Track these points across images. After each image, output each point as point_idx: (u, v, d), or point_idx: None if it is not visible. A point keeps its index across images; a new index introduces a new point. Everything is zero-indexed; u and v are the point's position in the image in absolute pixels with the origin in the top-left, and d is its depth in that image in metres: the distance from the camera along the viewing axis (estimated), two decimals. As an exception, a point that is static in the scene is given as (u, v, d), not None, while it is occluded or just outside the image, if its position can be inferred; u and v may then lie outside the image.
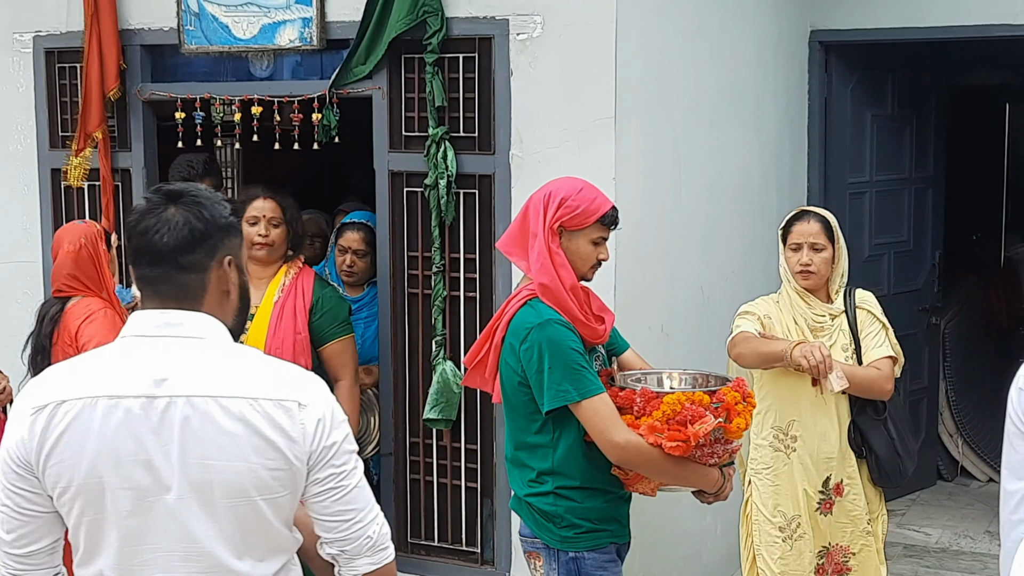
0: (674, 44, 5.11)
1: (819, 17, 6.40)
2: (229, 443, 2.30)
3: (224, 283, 2.40)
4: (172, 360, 2.32)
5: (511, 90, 4.80)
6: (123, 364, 2.33)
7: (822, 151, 6.53)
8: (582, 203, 3.56)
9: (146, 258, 2.35)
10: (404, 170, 5.01)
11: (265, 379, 2.35)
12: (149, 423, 2.29)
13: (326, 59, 5.19)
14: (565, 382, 3.42)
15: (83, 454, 2.29)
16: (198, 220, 2.35)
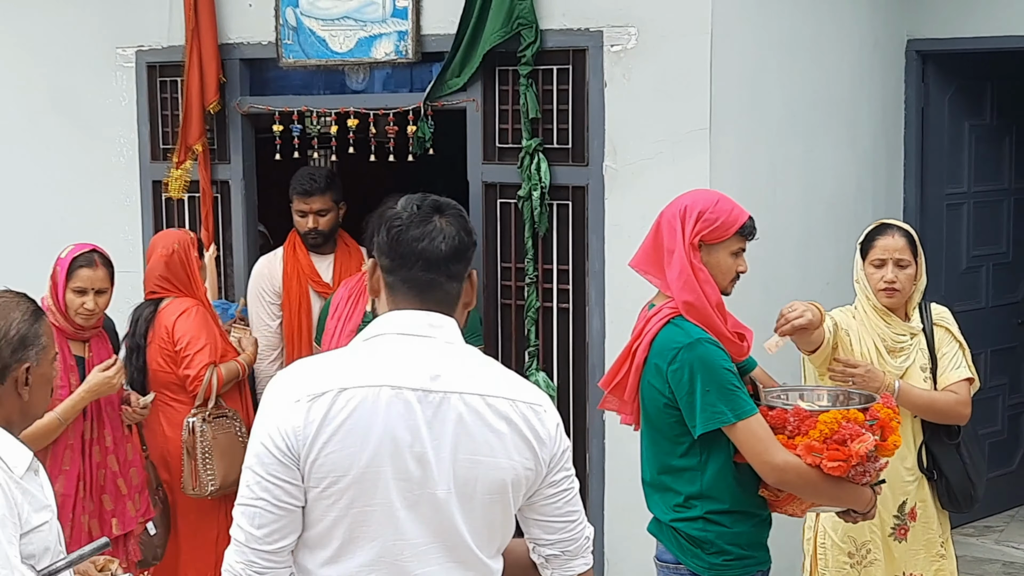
0: (769, 54, 5.08)
1: (916, 26, 6.31)
2: (497, 441, 2.37)
3: (468, 296, 2.50)
4: (440, 358, 2.38)
5: (605, 101, 4.79)
6: (394, 357, 2.37)
7: (919, 162, 6.43)
8: (720, 215, 3.47)
9: (419, 263, 2.41)
10: (497, 182, 5.03)
11: (512, 382, 2.45)
12: (424, 416, 2.33)
13: (420, 71, 5.24)
14: (719, 403, 3.30)
15: (367, 442, 2.30)
16: (465, 232, 2.45)
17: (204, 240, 5.48)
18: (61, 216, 5.97)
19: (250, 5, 5.44)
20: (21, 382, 2.64)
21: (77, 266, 4.40)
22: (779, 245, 5.23)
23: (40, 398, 2.73)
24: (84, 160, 5.91)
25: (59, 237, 5.93)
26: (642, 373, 3.46)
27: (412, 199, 2.47)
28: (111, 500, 4.43)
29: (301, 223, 5.25)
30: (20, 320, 2.67)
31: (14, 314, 2.68)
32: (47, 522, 2.58)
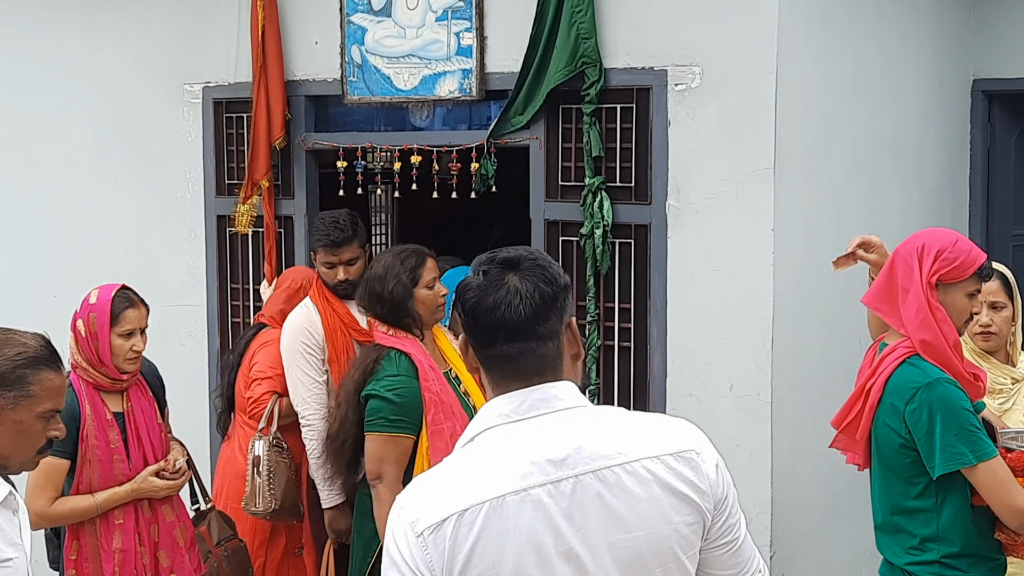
0: (834, 93, 5.05)
1: (982, 66, 6.26)
2: (650, 509, 2.12)
3: (572, 346, 2.23)
4: (560, 437, 2.13)
5: (668, 140, 4.78)
6: (509, 455, 2.13)
7: (984, 202, 6.36)
8: (959, 255, 3.41)
9: (500, 334, 2.16)
10: (560, 219, 5.02)
11: (653, 433, 2.18)
12: (560, 509, 2.10)
13: (483, 109, 5.25)
14: (960, 444, 3.25)
15: (503, 559, 2.08)
16: (545, 284, 2.18)
17: (267, 275, 5.51)
18: (126, 249, 6.03)
19: (316, 43, 5.48)
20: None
21: (121, 308, 4.09)
22: (844, 286, 5.17)
23: (11, 444, 2.71)
24: (150, 194, 5.97)
25: (123, 270, 6.00)
26: (876, 412, 3.43)
27: (481, 260, 2.24)
28: (167, 556, 4.21)
29: (329, 275, 4.82)
30: (8, 359, 2.69)
31: (8, 350, 2.70)
32: (14, 559, 2.67)
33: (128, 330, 4.07)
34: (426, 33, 5.19)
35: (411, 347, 4.27)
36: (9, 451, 2.72)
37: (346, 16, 5.34)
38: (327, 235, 4.78)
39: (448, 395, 4.24)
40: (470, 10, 5.09)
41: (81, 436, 3.95)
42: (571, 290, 2.26)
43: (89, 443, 3.97)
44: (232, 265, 5.79)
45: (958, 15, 6.08)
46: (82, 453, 3.96)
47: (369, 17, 5.30)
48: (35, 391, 2.70)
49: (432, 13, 5.17)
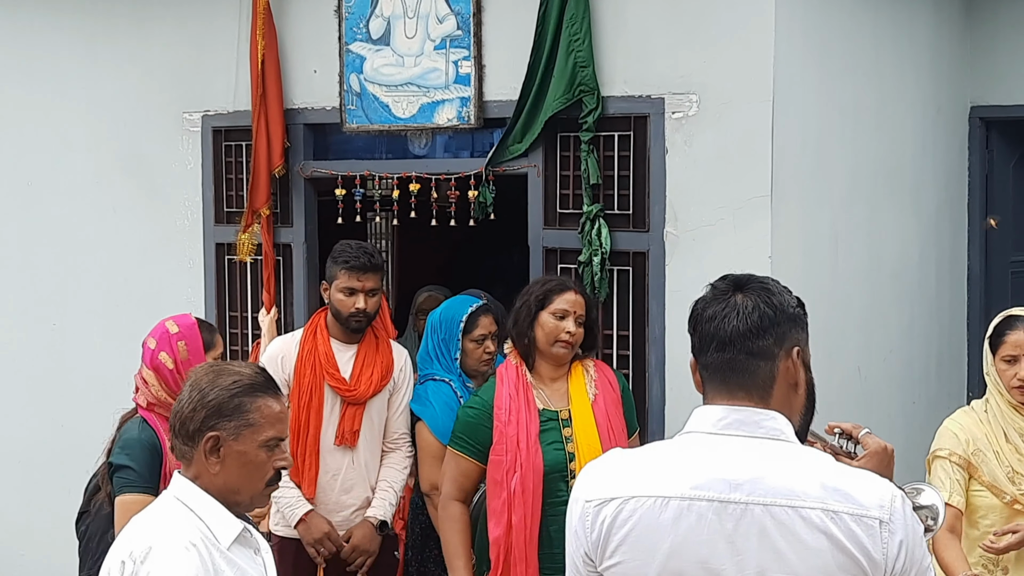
0: (832, 121, 5.07)
1: (979, 92, 6.29)
2: (812, 556, 2.13)
3: (792, 376, 2.26)
4: (746, 462, 2.18)
5: (666, 168, 4.80)
6: (693, 462, 2.21)
7: (983, 229, 6.38)
8: None
9: (713, 343, 2.25)
10: (558, 247, 5.03)
11: (845, 488, 2.16)
12: (723, 530, 2.15)
13: (482, 137, 5.28)
14: None
15: (654, 555, 2.18)
16: (767, 306, 2.25)
17: (265, 303, 5.52)
18: (125, 278, 6.05)
19: (315, 71, 5.51)
20: (206, 451, 2.63)
21: (210, 335, 4.04)
22: (843, 313, 5.19)
23: (238, 477, 2.65)
24: (149, 223, 5.99)
25: (123, 299, 6.03)
26: None
27: (717, 280, 2.34)
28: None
29: (346, 303, 4.61)
30: (224, 388, 2.64)
31: (223, 379, 2.66)
32: None
33: (219, 355, 4.02)
34: (424, 61, 5.22)
35: (507, 373, 4.25)
36: (238, 485, 2.66)
37: (345, 45, 5.38)
38: (356, 257, 4.61)
39: (519, 429, 4.12)
40: (468, 39, 5.12)
41: (164, 473, 3.76)
42: (802, 324, 2.31)
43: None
44: (231, 293, 5.80)
45: (955, 42, 6.11)
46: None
47: (368, 46, 5.33)
48: (255, 419, 2.65)
49: (430, 42, 5.20)
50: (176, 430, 2.68)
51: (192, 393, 2.66)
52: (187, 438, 2.65)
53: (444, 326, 4.76)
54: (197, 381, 2.68)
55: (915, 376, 5.83)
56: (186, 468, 2.68)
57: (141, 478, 3.70)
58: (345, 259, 4.61)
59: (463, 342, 4.74)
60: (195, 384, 2.68)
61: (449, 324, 4.75)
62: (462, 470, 4.24)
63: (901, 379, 5.70)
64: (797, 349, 2.27)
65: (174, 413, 2.71)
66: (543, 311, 4.22)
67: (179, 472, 2.70)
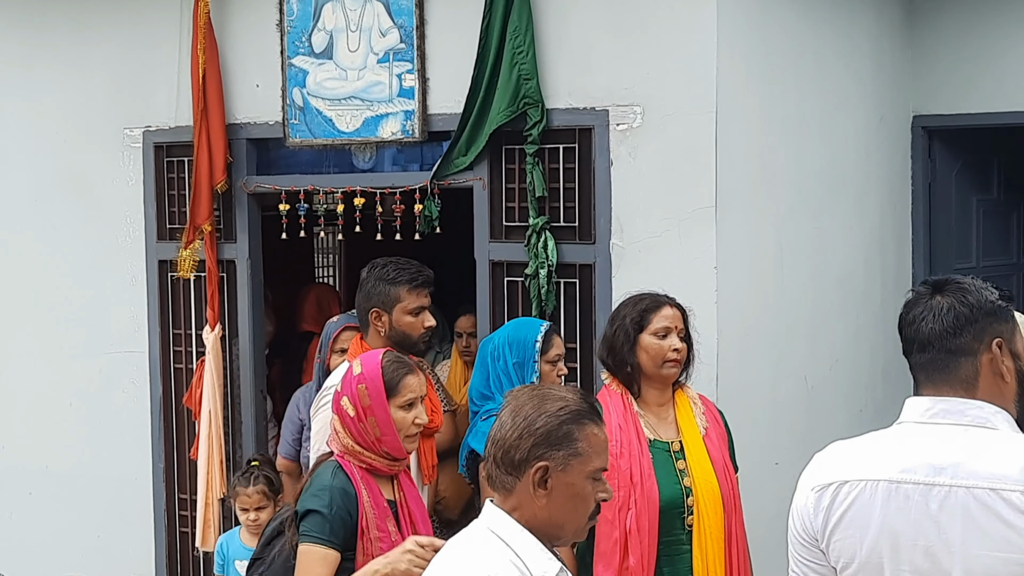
0: (776, 131, 5.10)
1: (921, 102, 6.34)
2: (1013, 535, 2.30)
3: (996, 366, 2.43)
4: (950, 448, 2.37)
5: (611, 180, 4.81)
6: (901, 448, 2.41)
7: (927, 237, 6.43)
8: None
9: (915, 344, 2.48)
10: (504, 260, 5.03)
11: None
12: (928, 511, 2.35)
13: (427, 150, 5.26)
14: None
15: (865, 534, 2.40)
16: (963, 305, 2.44)
17: (209, 320, 5.48)
18: (66, 296, 5.98)
19: (257, 86, 5.48)
20: (535, 482, 2.47)
21: (400, 375, 3.45)
22: (789, 322, 5.22)
23: (563, 510, 2.48)
24: (91, 240, 5.93)
25: (65, 317, 5.96)
26: None
27: (919, 285, 2.55)
28: None
29: (416, 323, 4.27)
30: (552, 415, 2.49)
31: (549, 405, 2.50)
32: None
33: (410, 400, 3.45)
34: (368, 75, 5.21)
35: (612, 401, 3.92)
36: (563, 519, 2.50)
37: (287, 59, 5.35)
38: (419, 274, 4.31)
39: (631, 462, 3.80)
40: (412, 52, 5.12)
41: (360, 528, 3.34)
42: (1005, 316, 2.46)
43: (371, 536, 3.35)
44: (175, 311, 5.75)
45: (897, 52, 6.16)
46: (362, 547, 3.33)
47: (310, 60, 5.31)
48: (583, 448, 2.49)
49: (373, 55, 5.19)
50: (498, 459, 2.50)
51: (516, 419, 2.49)
52: (511, 467, 2.48)
53: (517, 348, 4.35)
54: (520, 407, 2.51)
55: (862, 384, 5.86)
56: (503, 499, 2.50)
57: (330, 529, 3.28)
58: (408, 278, 4.28)
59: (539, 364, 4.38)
60: (518, 410, 2.51)
61: (523, 345, 4.35)
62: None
63: (848, 387, 5.74)
64: (999, 340, 2.43)
65: (494, 440, 2.52)
66: (643, 333, 3.93)
67: (492, 502, 2.52)
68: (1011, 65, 6.12)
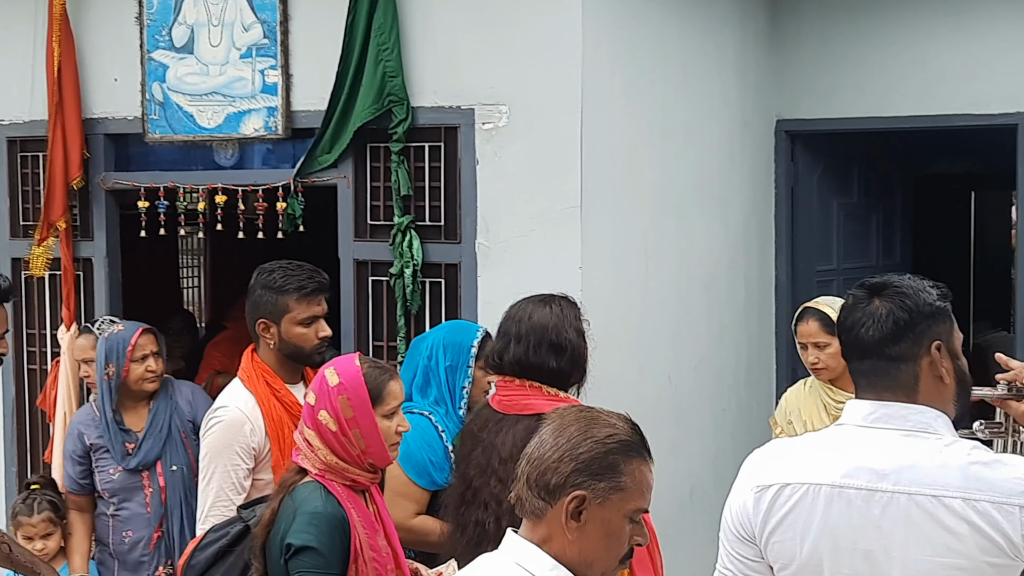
0: (641, 133, 5.13)
1: (784, 107, 6.45)
2: (956, 542, 2.33)
3: (936, 369, 2.44)
4: (892, 453, 2.38)
5: (477, 179, 4.79)
6: (844, 453, 2.43)
7: (789, 239, 6.54)
8: None
9: (855, 351, 2.47)
10: (369, 259, 4.98)
11: (984, 476, 2.35)
12: (870, 516, 2.37)
13: (290, 148, 5.18)
14: None
15: (806, 536, 2.41)
16: (902, 310, 2.43)
17: (65, 320, 5.32)
18: (-85, 295, 5.76)
19: (116, 80, 5.35)
20: (568, 512, 2.25)
21: (384, 381, 3.26)
22: (653, 323, 5.25)
23: (595, 548, 2.27)
24: (-60, 237, 5.72)
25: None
26: None
27: (855, 286, 2.51)
28: None
29: (308, 335, 3.95)
30: (599, 441, 2.27)
31: (597, 431, 2.29)
32: None
33: (394, 408, 3.28)
34: (230, 71, 5.11)
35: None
36: (593, 557, 2.28)
37: (147, 53, 5.23)
38: (310, 279, 3.97)
39: None
40: (275, 47, 5.04)
41: (354, 551, 3.14)
42: (943, 317, 2.47)
43: (365, 557, 3.15)
44: (28, 310, 5.58)
45: (761, 57, 6.26)
46: (356, 570, 3.14)
47: (171, 54, 5.20)
48: (627, 483, 2.27)
49: (236, 50, 5.10)
50: (532, 480, 2.28)
51: (559, 440, 2.28)
52: (544, 491, 2.26)
53: (452, 351, 4.15)
54: (565, 426, 2.30)
55: (725, 384, 5.94)
56: (531, 527, 2.30)
57: (327, 563, 3.08)
58: (297, 286, 3.94)
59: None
60: (562, 429, 2.30)
61: (459, 349, 4.15)
62: None
63: (711, 387, 5.80)
64: (938, 343, 2.44)
65: (529, 459, 2.31)
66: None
67: (518, 533, 2.32)
68: (871, 71, 6.26)
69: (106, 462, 4.61)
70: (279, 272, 3.98)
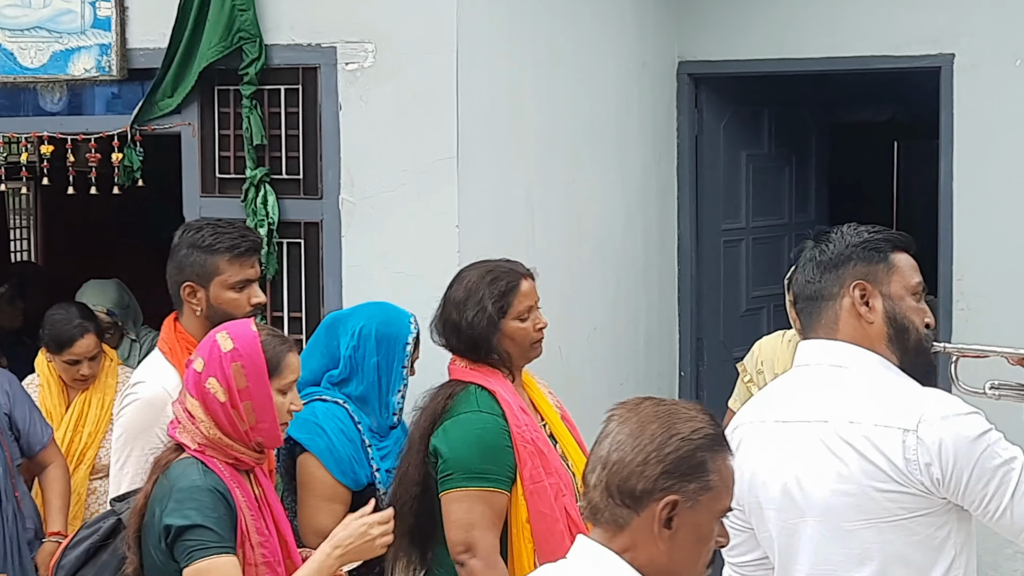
0: (525, 76, 5.12)
1: (687, 47, 6.48)
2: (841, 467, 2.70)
3: (856, 309, 2.82)
4: (810, 388, 2.81)
5: (340, 127, 4.77)
6: (779, 390, 2.91)
7: (693, 194, 6.59)
8: None
9: (794, 296, 3.05)
10: (219, 217, 4.90)
11: (874, 405, 2.72)
12: (785, 449, 2.77)
13: (127, 91, 5.10)
14: None
15: (743, 475, 2.66)
16: (822, 254, 2.87)
17: None
18: None
19: (-77, 12, 5.19)
20: (661, 519, 2.22)
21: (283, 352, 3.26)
22: (541, 288, 5.22)
23: (686, 556, 2.26)
24: None
25: None
26: None
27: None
28: None
29: (240, 300, 3.86)
30: (685, 439, 2.25)
31: (682, 426, 2.26)
32: None
33: (290, 382, 3.26)
34: (56, 3, 5.03)
35: (497, 383, 3.78)
36: (682, 566, 2.27)
37: (-42, -19, 5.08)
38: (243, 237, 3.91)
39: (545, 445, 3.75)
40: (108, -25, 4.94)
41: (241, 533, 3.11)
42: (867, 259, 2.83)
43: (252, 542, 3.13)
44: None
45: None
46: (242, 555, 3.10)
47: (-14, -17, 5.07)
48: (715, 482, 2.26)
49: (63, -21, 4.99)
50: (612, 487, 2.25)
51: (640, 440, 2.25)
52: (629, 498, 2.23)
53: (384, 347, 4.11)
54: (644, 424, 2.27)
55: (622, 355, 5.97)
56: (610, 536, 2.26)
57: (221, 539, 3.03)
58: (228, 245, 3.85)
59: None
60: (641, 428, 2.27)
61: (391, 345, 4.12)
62: (497, 510, 3.67)
63: (607, 358, 5.83)
64: (859, 283, 2.82)
65: (605, 463, 2.27)
66: (506, 319, 3.81)
67: (594, 539, 2.30)
68: (782, 8, 6.32)
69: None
70: (208, 230, 3.89)
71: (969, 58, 6.03)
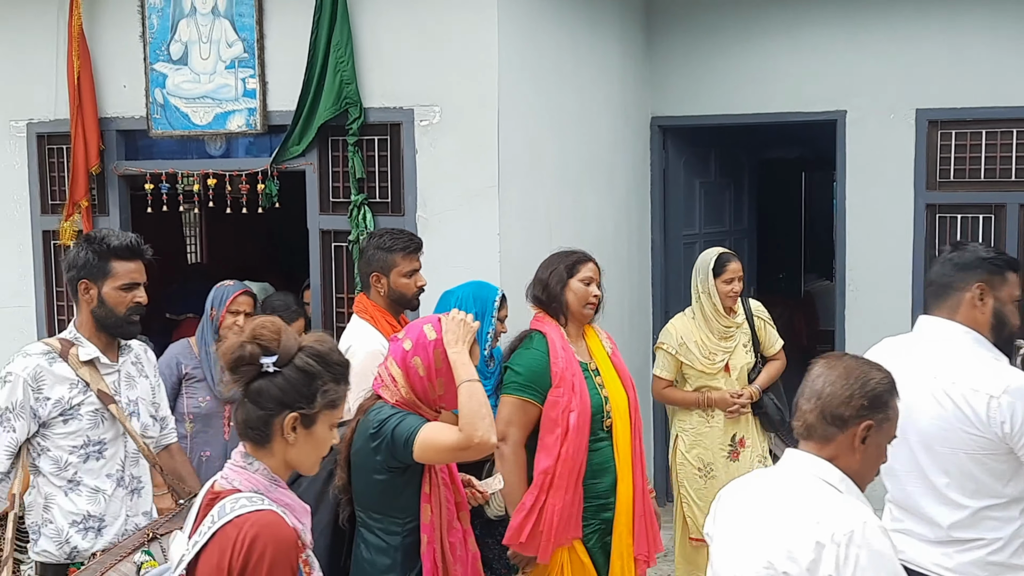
0: (545, 126, 5.13)
1: (658, 105, 6.48)
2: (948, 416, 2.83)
3: (974, 301, 2.89)
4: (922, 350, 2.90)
5: (416, 165, 4.78)
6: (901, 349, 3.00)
7: (662, 210, 6.58)
8: None
9: (927, 283, 3.01)
10: (332, 229, 4.95)
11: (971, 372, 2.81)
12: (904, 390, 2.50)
13: (267, 140, 5.11)
14: None
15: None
16: (959, 258, 2.92)
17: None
18: (-37, 261, 5.63)
19: (124, 86, 5.24)
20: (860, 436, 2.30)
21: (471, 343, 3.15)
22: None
23: (870, 465, 2.33)
24: (-17, 214, 5.59)
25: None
26: None
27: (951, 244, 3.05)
28: None
29: (409, 284, 3.97)
30: (880, 382, 2.32)
31: (876, 373, 2.34)
32: None
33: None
34: (217, 79, 5.04)
35: (550, 329, 3.83)
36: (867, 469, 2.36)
37: (149, 64, 5.13)
38: (411, 240, 3.99)
39: (573, 374, 3.73)
40: (253, 60, 4.97)
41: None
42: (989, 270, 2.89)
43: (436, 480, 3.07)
44: (56, 272, 5.48)
45: (639, 63, 6.27)
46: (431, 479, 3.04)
47: (169, 65, 5.10)
48: (892, 415, 2.35)
49: (222, 62, 5.02)
50: (825, 413, 2.31)
51: (848, 380, 2.31)
52: (837, 421, 2.30)
53: (479, 303, 3.99)
54: (850, 370, 2.33)
55: (612, 324, 5.95)
56: (818, 447, 2.32)
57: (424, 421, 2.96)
58: (402, 246, 3.96)
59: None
60: (847, 372, 2.32)
61: (484, 302, 3.99)
62: (530, 417, 3.72)
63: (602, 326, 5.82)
64: (980, 284, 2.89)
65: (819, 395, 2.32)
66: (572, 279, 3.87)
67: (805, 450, 2.33)
68: (725, 78, 6.30)
69: (196, 390, 4.33)
70: (387, 236, 4.00)
71: (858, 113, 6.00)
